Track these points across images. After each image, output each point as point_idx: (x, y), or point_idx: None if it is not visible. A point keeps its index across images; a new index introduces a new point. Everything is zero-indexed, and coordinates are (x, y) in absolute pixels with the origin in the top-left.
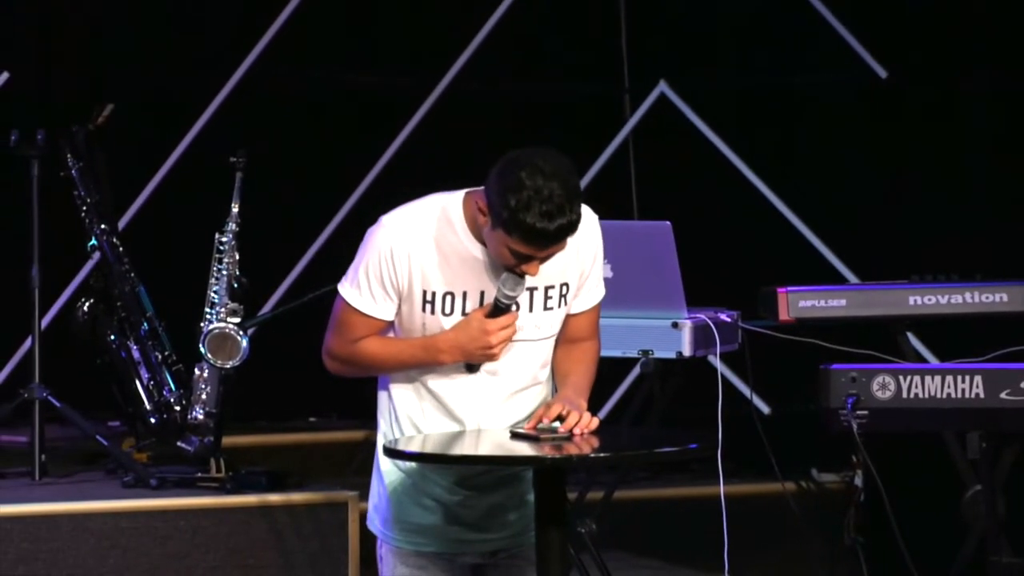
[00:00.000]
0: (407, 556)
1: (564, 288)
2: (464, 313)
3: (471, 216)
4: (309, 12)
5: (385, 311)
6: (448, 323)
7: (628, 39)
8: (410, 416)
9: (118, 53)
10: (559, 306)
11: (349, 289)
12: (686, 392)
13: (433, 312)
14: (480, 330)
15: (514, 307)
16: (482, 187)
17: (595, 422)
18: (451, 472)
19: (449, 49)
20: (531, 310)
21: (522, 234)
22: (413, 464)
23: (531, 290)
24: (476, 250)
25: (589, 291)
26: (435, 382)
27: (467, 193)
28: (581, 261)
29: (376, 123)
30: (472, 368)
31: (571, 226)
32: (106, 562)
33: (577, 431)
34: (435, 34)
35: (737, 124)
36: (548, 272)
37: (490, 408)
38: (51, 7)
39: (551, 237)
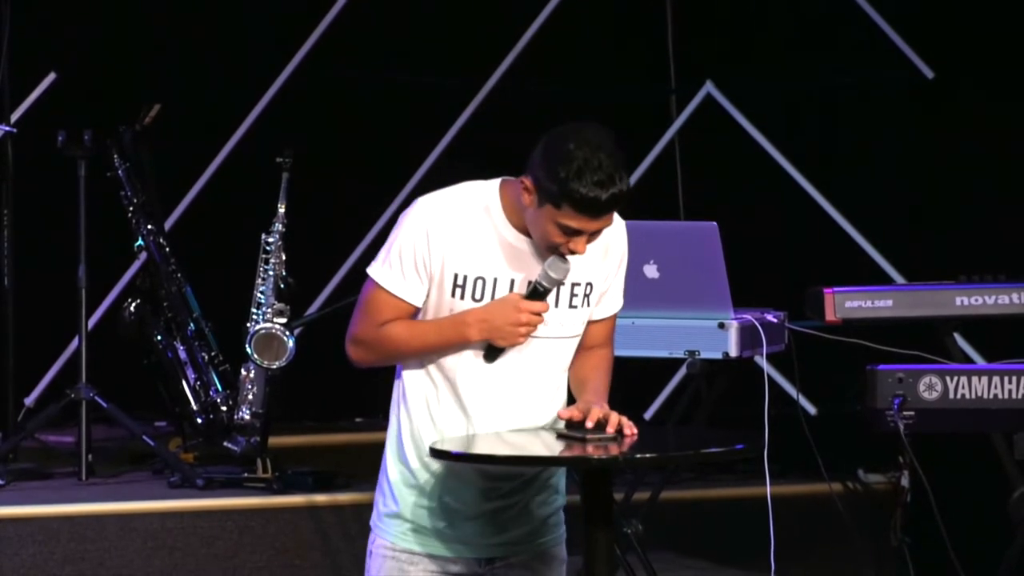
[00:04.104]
0: (399, 552)
1: (588, 288)
2: (494, 299)
3: (508, 202)
4: (356, 12)
5: (415, 294)
6: None
7: (675, 40)
8: (427, 402)
9: (165, 53)
10: (582, 305)
11: (379, 269)
12: (732, 393)
13: (463, 297)
14: (513, 306)
15: (549, 297)
16: (517, 177)
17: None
18: (465, 474)
19: (496, 50)
20: (556, 305)
21: (574, 204)
22: (421, 463)
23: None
24: (511, 236)
25: (611, 298)
26: (450, 369)
27: (503, 181)
28: (608, 263)
29: (423, 124)
30: (491, 356)
31: (622, 196)
32: (152, 562)
33: (627, 431)
34: (482, 35)
35: (783, 124)
36: (577, 269)
37: (502, 403)
38: (97, 8)
39: (603, 206)
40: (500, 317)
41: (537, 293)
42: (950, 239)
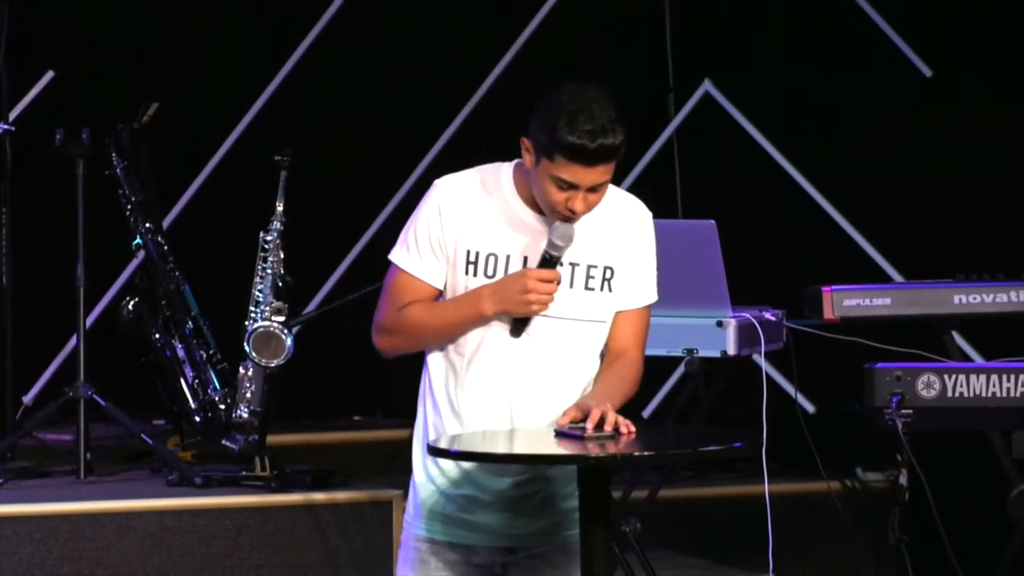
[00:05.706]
0: (421, 541)
1: (608, 272)
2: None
3: (521, 182)
4: (355, 11)
5: (433, 273)
6: None
7: (673, 38)
8: (447, 387)
9: (164, 52)
10: (601, 289)
11: (398, 252)
12: (730, 391)
13: (476, 274)
14: (522, 275)
15: (560, 265)
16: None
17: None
18: (483, 465)
19: (495, 47)
20: (571, 286)
21: (563, 152)
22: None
23: (573, 265)
24: (525, 214)
25: (638, 285)
26: (470, 352)
27: (517, 161)
28: (628, 246)
29: (421, 121)
30: (516, 330)
31: (613, 148)
32: (151, 561)
33: (624, 429)
34: (481, 32)
35: (782, 123)
36: (590, 250)
37: (522, 386)
38: (96, 6)
39: (592, 154)
40: (510, 287)
41: (546, 261)
42: (949, 238)
